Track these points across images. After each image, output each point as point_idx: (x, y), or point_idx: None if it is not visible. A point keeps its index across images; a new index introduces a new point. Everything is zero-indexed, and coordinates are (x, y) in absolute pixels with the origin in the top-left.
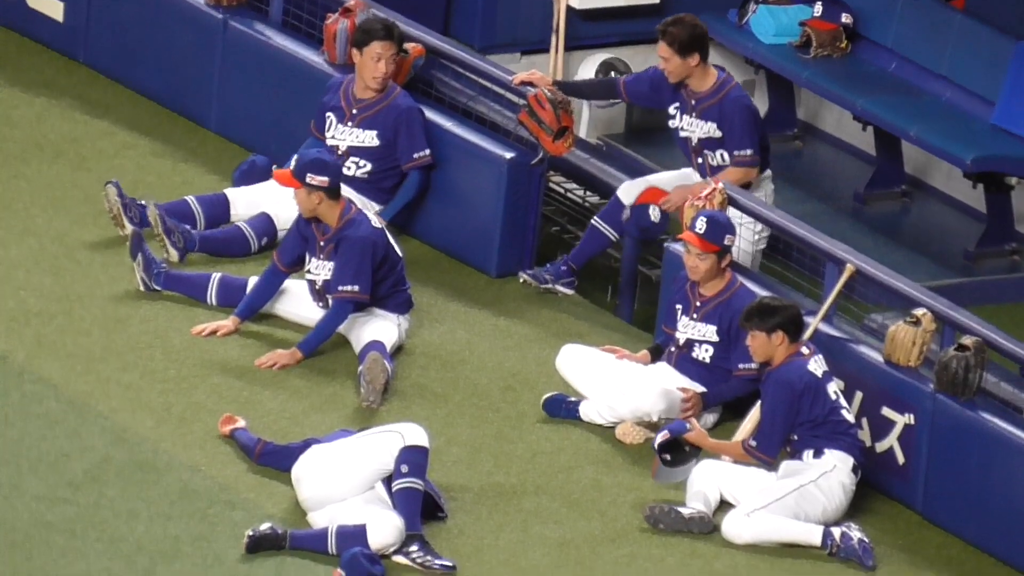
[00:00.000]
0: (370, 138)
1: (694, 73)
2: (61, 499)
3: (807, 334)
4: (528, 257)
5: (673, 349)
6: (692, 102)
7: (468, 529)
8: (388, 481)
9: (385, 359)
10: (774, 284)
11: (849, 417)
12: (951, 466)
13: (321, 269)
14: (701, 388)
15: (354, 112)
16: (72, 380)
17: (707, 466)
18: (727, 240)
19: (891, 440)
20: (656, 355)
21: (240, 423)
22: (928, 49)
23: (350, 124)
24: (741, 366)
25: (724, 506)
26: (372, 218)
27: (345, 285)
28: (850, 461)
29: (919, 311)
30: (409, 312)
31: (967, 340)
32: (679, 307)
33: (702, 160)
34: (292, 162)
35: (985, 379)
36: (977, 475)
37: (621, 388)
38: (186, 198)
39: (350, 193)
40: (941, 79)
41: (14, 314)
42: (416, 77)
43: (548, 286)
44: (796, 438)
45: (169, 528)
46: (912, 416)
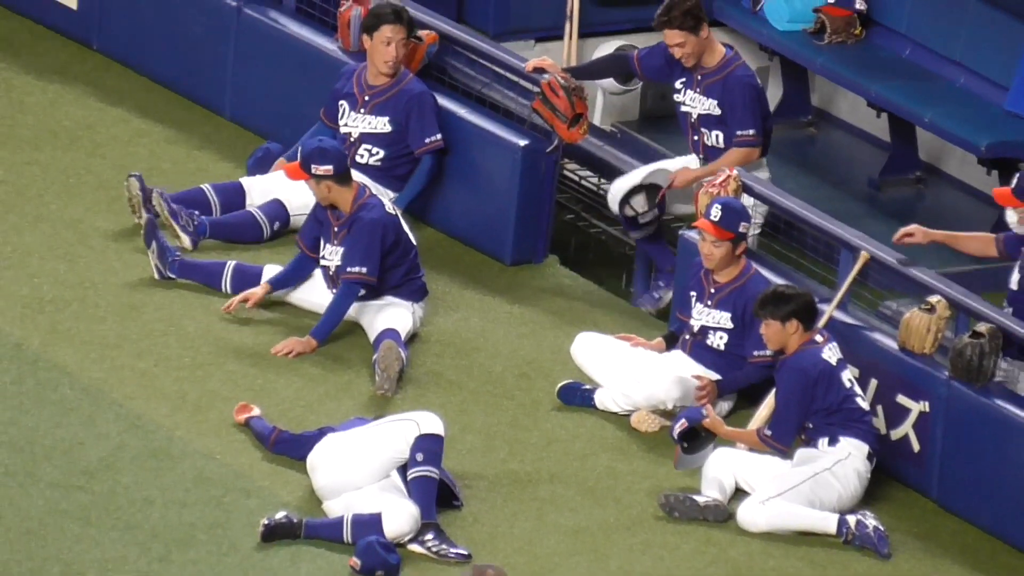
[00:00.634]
0: (382, 124)
1: (706, 47)
2: (76, 486)
3: (822, 321)
4: (542, 245)
5: (687, 336)
6: (698, 77)
7: (483, 517)
8: (403, 469)
9: (400, 347)
10: (788, 271)
11: (864, 404)
12: (966, 453)
13: (335, 255)
14: (716, 375)
15: (366, 99)
16: (87, 367)
17: (722, 454)
18: (742, 227)
19: (906, 427)
20: (671, 342)
21: (255, 411)
22: (942, 35)
23: (362, 111)
24: (756, 353)
25: (739, 494)
26: (387, 203)
27: (353, 267)
28: (865, 448)
29: (933, 298)
30: (424, 300)
31: (982, 327)
32: (693, 294)
33: (697, 138)
34: (297, 154)
35: (1000, 366)
36: (992, 462)
37: (636, 376)
38: (202, 186)
39: (365, 181)
40: (955, 65)
41: (28, 301)
42: (430, 64)
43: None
44: (811, 426)
45: (184, 515)
46: (927, 403)
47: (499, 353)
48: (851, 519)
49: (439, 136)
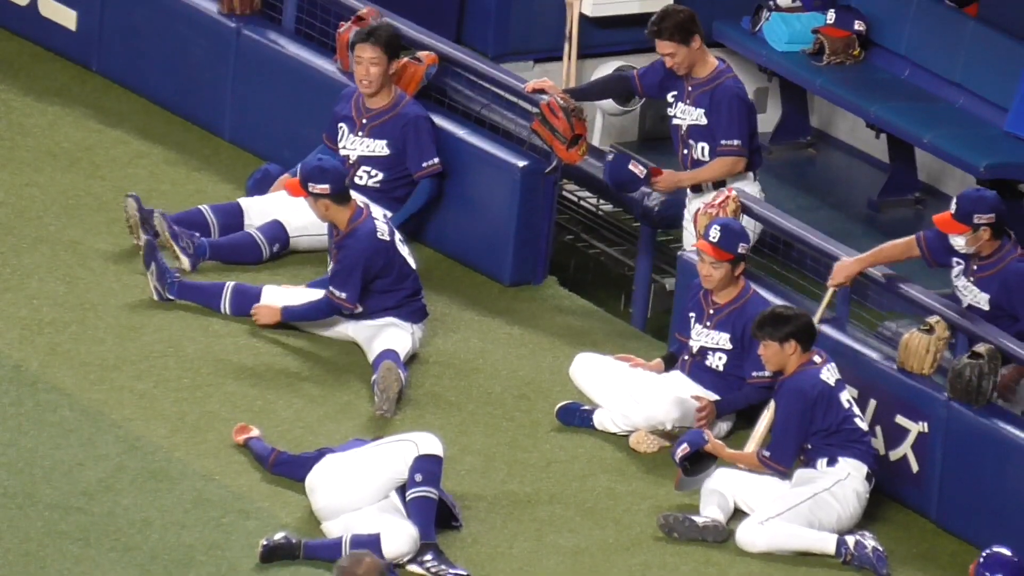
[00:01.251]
0: (380, 147)
1: (698, 58)
2: (75, 508)
3: (816, 316)
4: (541, 266)
5: (687, 357)
6: (689, 88)
7: (482, 538)
8: (402, 490)
9: (399, 368)
10: (788, 292)
11: (863, 425)
12: (965, 474)
13: (330, 271)
14: (715, 396)
15: (364, 122)
16: (86, 389)
17: (721, 474)
18: (741, 248)
19: (905, 448)
20: (670, 363)
21: (254, 432)
22: (941, 56)
23: (360, 134)
24: (755, 374)
25: (738, 514)
26: (380, 227)
27: (335, 289)
28: (864, 469)
29: (932, 319)
30: (423, 321)
31: (981, 347)
32: (692, 315)
33: (687, 151)
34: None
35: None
36: (991, 483)
37: (635, 397)
38: (200, 207)
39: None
40: (954, 86)
41: (27, 323)
42: (429, 85)
43: None
44: (810, 447)
45: (183, 537)
46: (926, 424)
47: (498, 374)
48: (850, 540)
49: (437, 160)
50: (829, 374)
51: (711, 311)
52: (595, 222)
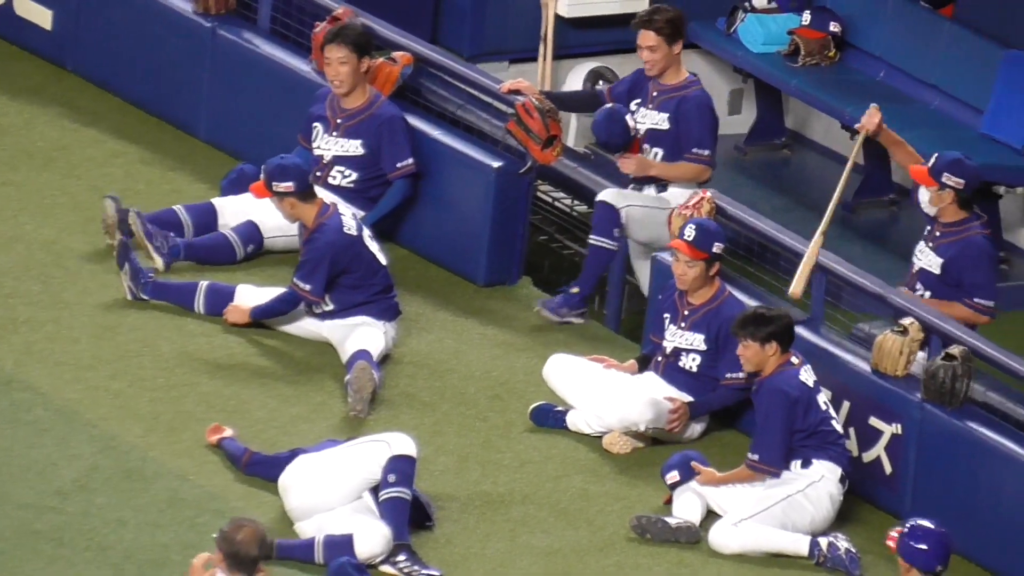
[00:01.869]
0: (355, 147)
1: (673, 63)
2: (49, 508)
3: (823, 224)
4: (516, 266)
5: (660, 358)
6: (654, 93)
7: (456, 538)
8: (376, 491)
9: (373, 368)
10: (762, 293)
11: (838, 427)
12: (938, 476)
13: None
14: (688, 397)
15: (339, 121)
16: (61, 388)
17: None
18: (716, 248)
19: (878, 450)
20: (643, 364)
21: (228, 432)
22: (917, 57)
23: (335, 134)
24: (729, 375)
25: (711, 516)
26: (347, 222)
27: (300, 280)
28: (838, 471)
29: (906, 320)
30: (396, 320)
31: (954, 349)
32: (667, 316)
33: (642, 155)
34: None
35: (972, 388)
36: (964, 484)
37: (609, 398)
38: (174, 207)
39: (336, 200)
40: (930, 87)
41: (2, 322)
42: (404, 85)
43: (564, 320)
44: (789, 448)
45: (158, 536)
46: (899, 426)
47: (472, 374)
48: (823, 541)
49: (411, 160)
50: (807, 375)
51: (686, 312)
52: (569, 223)
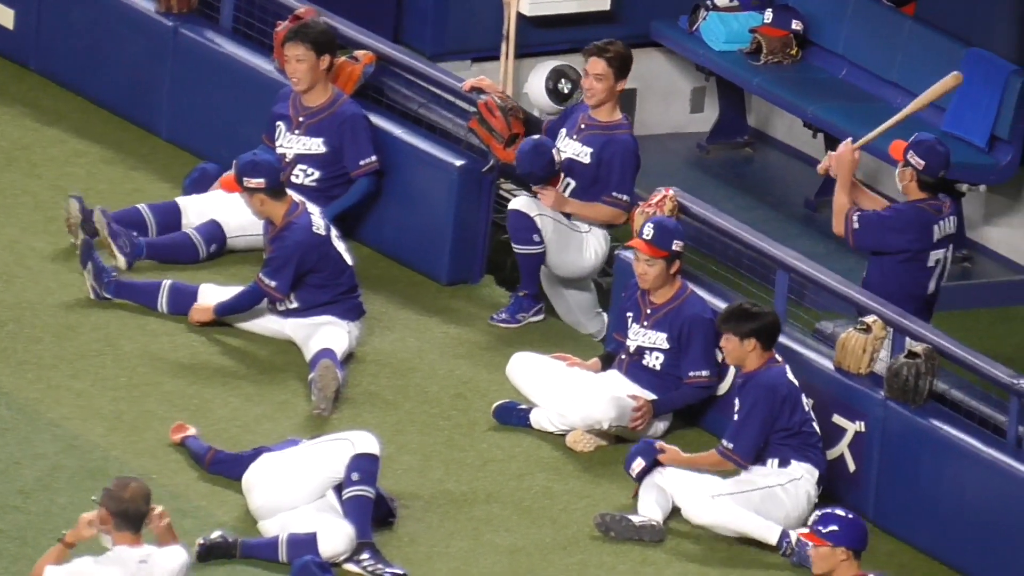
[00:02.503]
0: (316, 145)
1: (611, 100)
2: (11, 507)
3: (865, 140)
4: (479, 265)
5: (624, 357)
6: (582, 125)
7: (419, 537)
8: (339, 489)
9: (336, 367)
10: (725, 291)
11: (818, 429)
12: (902, 473)
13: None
14: (652, 396)
15: (301, 120)
16: (23, 387)
17: (660, 475)
18: (675, 246)
19: (842, 447)
20: (607, 363)
21: (191, 431)
22: (879, 55)
23: (297, 132)
24: (692, 373)
25: (676, 514)
26: (316, 221)
27: (266, 277)
28: (816, 473)
29: (869, 318)
30: (360, 319)
31: (918, 347)
32: (630, 315)
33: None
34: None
35: (935, 386)
36: (928, 482)
37: (572, 396)
38: (138, 206)
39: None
40: (892, 85)
41: None
42: (367, 84)
43: (524, 323)
44: (763, 445)
45: None
46: (863, 423)
47: (435, 373)
48: (793, 535)
49: (374, 158)
50: (792, 375)
51: (648, 311)
52: None
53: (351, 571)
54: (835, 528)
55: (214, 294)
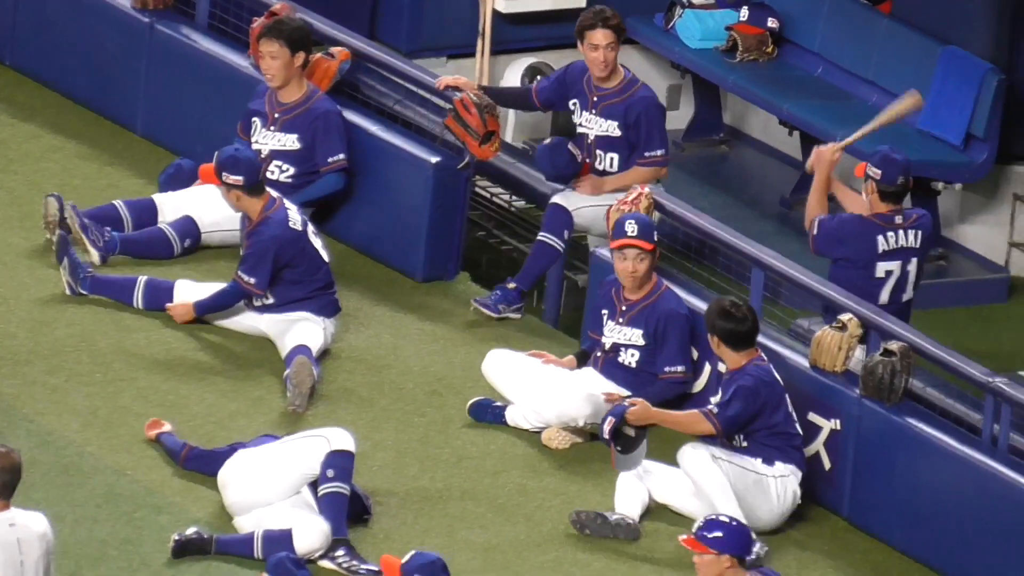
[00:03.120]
0: (291, 141)
1: (616, 65)
2: None
3: (849, 140)
4: (454, 262)
5: (599, 354)
6: (594, 98)
7: (394, 534)
8: (314, 486)
9: (311, 363)
10: (700, 289)
11: (800, 430)
12: (877, 471)
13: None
14: (627, 392)
15: (276, 116)
16: None
17: (636, 472)
18: (655, 237)
19: (817, 445)
20: (582, 360)
21: (166, 427)
22: (855, 53)
23: (272, 128)
24: (667, 369)
25: (651, 512)
26: (293, 217)
27: (244, 273)
28: (800, 475)
29: (845, 316)
30: (335, 316)
31: (893, 345)
32: (605, 312)
33: (593, 160)
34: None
35: (911, 384)
36: (903, 480)
37: (547, 393)
38: (114, 203)
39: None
40: (868, 83)
41: None
42: (342, 81)
43: (502, 316)
44: (746, 444)
45: (95, 531)
46: (838, 421)
47: (410, 370)
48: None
49: (343, 156)
50: (776, 374)
51: (623, 308)
52: (508, 218)
53: (326, 568)
54: (720, 534)
55: (190, 290)
